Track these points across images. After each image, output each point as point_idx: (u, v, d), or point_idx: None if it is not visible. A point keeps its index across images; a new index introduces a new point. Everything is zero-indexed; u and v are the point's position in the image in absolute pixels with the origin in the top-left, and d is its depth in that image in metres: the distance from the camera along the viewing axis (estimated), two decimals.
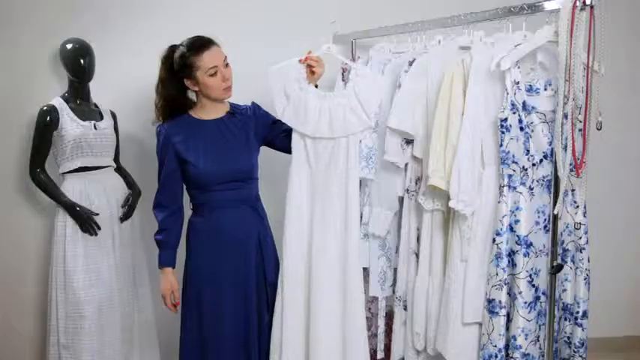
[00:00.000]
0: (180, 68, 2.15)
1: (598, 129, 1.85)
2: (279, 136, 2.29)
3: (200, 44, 2.14)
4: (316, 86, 2.25)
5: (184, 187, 2.25)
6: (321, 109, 2.20)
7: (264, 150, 2.35)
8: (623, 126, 3.30)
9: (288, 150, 2.26)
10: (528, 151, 1.97)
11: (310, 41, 2.96)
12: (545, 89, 1.99)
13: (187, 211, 2.30)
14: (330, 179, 2.22)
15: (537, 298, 2.02)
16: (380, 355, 2.51)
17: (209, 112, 2.23)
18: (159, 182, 2.22)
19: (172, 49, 2.19)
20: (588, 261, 2.14)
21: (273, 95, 2.23)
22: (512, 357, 2.01)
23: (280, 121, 2.24)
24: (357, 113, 2.20)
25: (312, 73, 2.22)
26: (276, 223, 2.35)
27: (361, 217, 2.47)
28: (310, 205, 2.23)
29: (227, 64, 2.18)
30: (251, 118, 2.27)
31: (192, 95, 2.28)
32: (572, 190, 2.11)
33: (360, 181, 2.48)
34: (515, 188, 1.99)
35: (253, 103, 2.33)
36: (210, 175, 2.15)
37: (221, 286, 2.17)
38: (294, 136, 2.23)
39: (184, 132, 2.18)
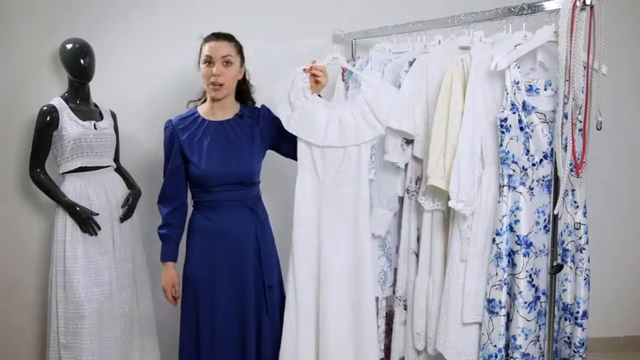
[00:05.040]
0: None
1: (598, 129, 1.85)
2: (286, 142, 2.27)
3: (211, 35, 2.19)
4: (319, 96, 2.25)
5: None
6: (329, 118, 2.20)
7: (271, 153, 2.34)
8: (624, 126, 3.30)
9: (293, 157, 2.26)
10: (528, 151, 1.97)
11: (310, 41, 2.98)
12: (545, 89, 1.99)
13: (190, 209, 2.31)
14: (341, 187, 2.21)
15: (537, 298, 2.02)
16: (380, 355, 2.51)
17: (215, 111, 2.23)
18: (164, 176, 2.24)
19: None
20: (588, 261, 2.14)
21: (276, 102, 2.23)
22: (512, 357, 2.01)
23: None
24: (370, 121, 2.20)
25: (317, 82, 2.22)
26: (281, 226, 2.36)
27: None
28: (318, 213, 2.23)
29: (227, 63, 2.16)
30: (259, 122, 2.26)
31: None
32: (572, 190, 2.11)
33: None
34: (515, 188, 1.99)
35: (263, 107, 2.32)
36: (210, 176, 2.15)
37: (217, 286, 2.18)
38: (300, 145, 2.22)
39: (190, 130, 2.19)
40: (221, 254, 2.18)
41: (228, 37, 2.19)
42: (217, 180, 2.16)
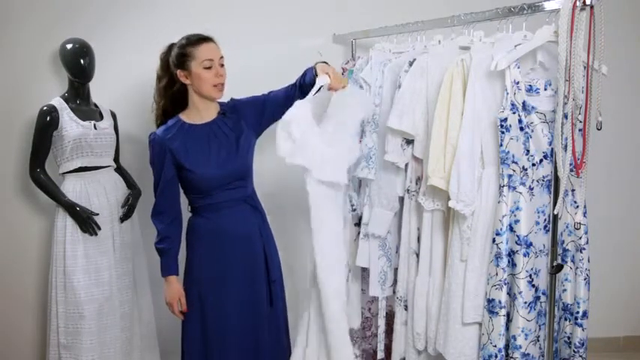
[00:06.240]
0: (175, 59, 2.14)
1: (598, 129, 1.85)
2: (271, 110, 2.24)
3: (199, 37, 2.14)
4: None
5: (181, 191, 2.24)
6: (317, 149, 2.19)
7: (268, 155, 2.33)
8: (624, 126, 3.30)
9: (284, 107, 2.17)
10: (528, 151, 1.97)
11: (310, 41, 2.99)
12: (545, 89, 1.99)
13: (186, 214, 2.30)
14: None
15: (537, 298, 2.02)
16: (380, 355, 2.51)
17: (202, 114, 2.20)
18: (156, 191, 2.18)
19: (171, 46, 2.19)
20: (588, 261, 2.14)
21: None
22: (512, 357, 2.01)
23: (268, 95, 2.26)
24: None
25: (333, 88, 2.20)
26: (280, 224, 2.35)
27: (361, 217, 2.47)
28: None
29: (222, 65, 2.16)
30: (240, 114, 2.24)
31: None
32: (572, 190, 2.11)
33: (361, 181, 2.49)
34: (515, 188, 1.99)
35: (232, 99, 2.30)
36: (208, 180, 2.13)
37: (226, 286, 2.16)
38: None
39: (179, 139, 2.15)
40: (229, 253, 2.17)
41: (212, 38, 2.16)
42: (215, 182, 2.14)
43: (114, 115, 2.72)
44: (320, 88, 2.19)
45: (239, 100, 2.29)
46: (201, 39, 2.14)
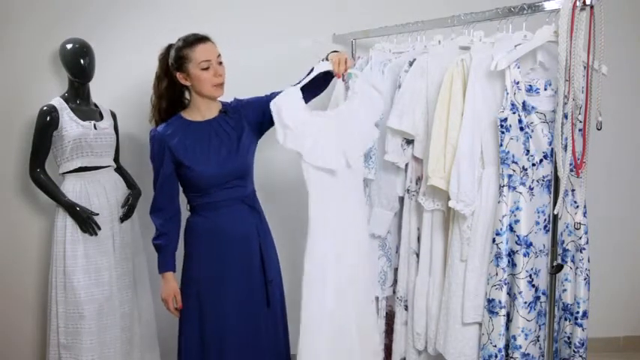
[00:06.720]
0: (173, 61, 2.14)
1: (598, 129, 1.85)
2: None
3: (195, 38, 2.14)
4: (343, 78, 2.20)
5: (180, 190, 2.24)
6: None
7: (269, 155, 2.32)
8: (624, 126, 3.30)
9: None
10: (528, 151, 1.97)
11: (310, 40, 2.99)
12: (545, 89, 1.99)
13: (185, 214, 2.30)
14: None
15: (537, 298, 2.02)
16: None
17: (203, 112, 2.20)
18: (155, 187, 2.19)
19: (169, 47, 2.19)
20: (588, 261, 2.14)
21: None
22: (512, 357, 2.01)
23: (270, 96, 2.20)
24: None
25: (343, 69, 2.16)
26: (279, 223, 2.34)
27: None
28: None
29: (220, 62, 2.16)
30: (241, 113, 2.23)
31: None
32: (572, 190, 2.11)
33: None
34: (515, 188, 1.99)
35: (236, 99, 2.29)
36: (207, 178, 2.13)
37: (225, 286, 2.16)
38: None
39: (179, 135, 2.14)
40: (227, 252, 2.16)
41: (207, 37, 2.16)
42: (214, 180, 2.13)
43: (114, 115, 2.72)
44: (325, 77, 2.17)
45: (242, 100, 2.29)
46: (197, 39, 2.13)
